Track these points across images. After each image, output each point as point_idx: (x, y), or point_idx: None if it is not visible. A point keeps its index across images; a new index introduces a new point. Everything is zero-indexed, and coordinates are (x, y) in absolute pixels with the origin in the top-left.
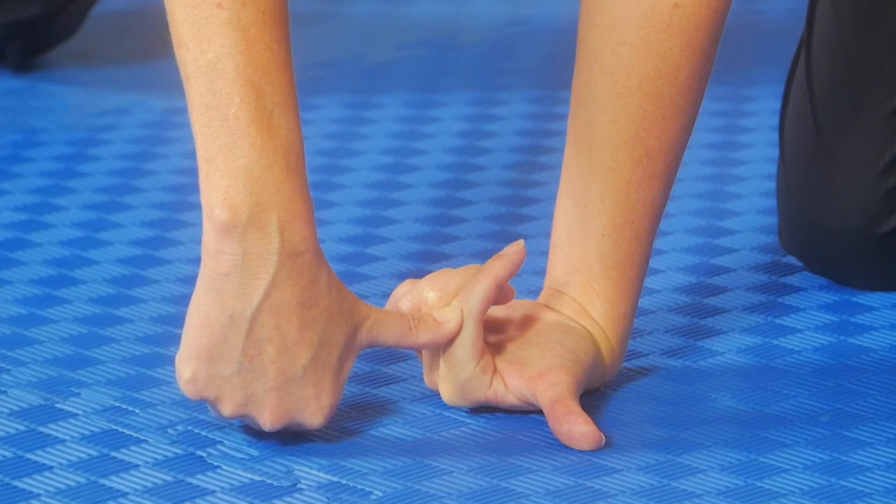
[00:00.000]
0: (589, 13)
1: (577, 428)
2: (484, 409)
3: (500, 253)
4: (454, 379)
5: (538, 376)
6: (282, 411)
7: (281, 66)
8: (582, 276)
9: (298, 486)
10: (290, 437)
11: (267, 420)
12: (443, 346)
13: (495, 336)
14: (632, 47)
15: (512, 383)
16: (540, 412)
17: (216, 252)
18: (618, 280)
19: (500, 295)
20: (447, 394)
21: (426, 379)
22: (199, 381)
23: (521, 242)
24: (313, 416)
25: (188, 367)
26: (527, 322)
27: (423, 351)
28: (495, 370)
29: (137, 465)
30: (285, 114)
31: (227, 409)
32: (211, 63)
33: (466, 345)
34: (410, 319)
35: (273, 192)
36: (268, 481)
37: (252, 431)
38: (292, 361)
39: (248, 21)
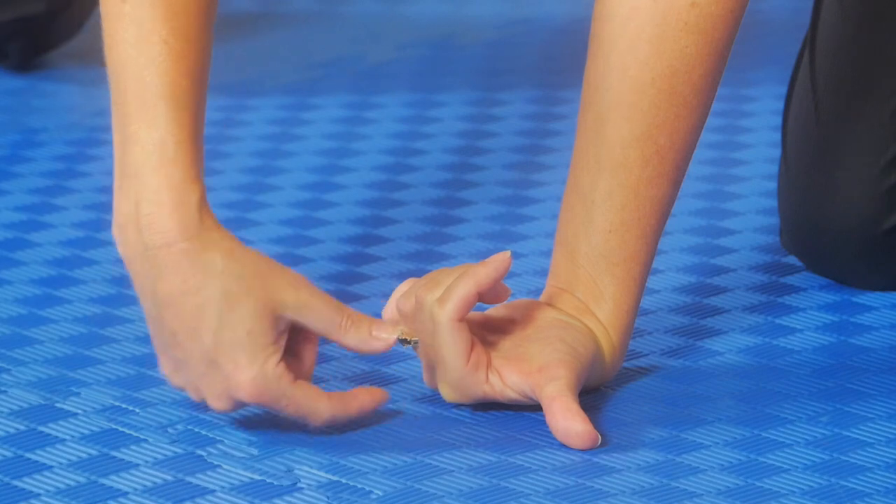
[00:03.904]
0: (604, 9)
1: (574, 426)
2: (484, 409)
3: (486, 260)
4: (449, 379)
5: (537, 371)
6: (216, 394)
7: (176, 58)
8: (586, 272)
9: (298, 485)
10: (290, 436)
11: (213, 404)
12: (433, 349)
13: (495, 334)
14: (648, 44)
15: (511, 379)
16: (539, 407)
17: (120, 254)
18: (622, 277)
19: (494, 295)
20: (446, 392)
21: (425, 379)
22: (168, 373)
23: (508, 253)
24: (241, 390)
25: (160, 361)
26: (526, 320)
27: (421, 351)
28: (489, 365)
29: (137, 465)
30: (170, 103)
31: (193, 397)
32: (115, 60)
33: (450, 345)
34: (345, 318)
35: (143, 188)
36: (268, 480)
37: (251, 429)
38: (199, 345)
39: (146, 15)
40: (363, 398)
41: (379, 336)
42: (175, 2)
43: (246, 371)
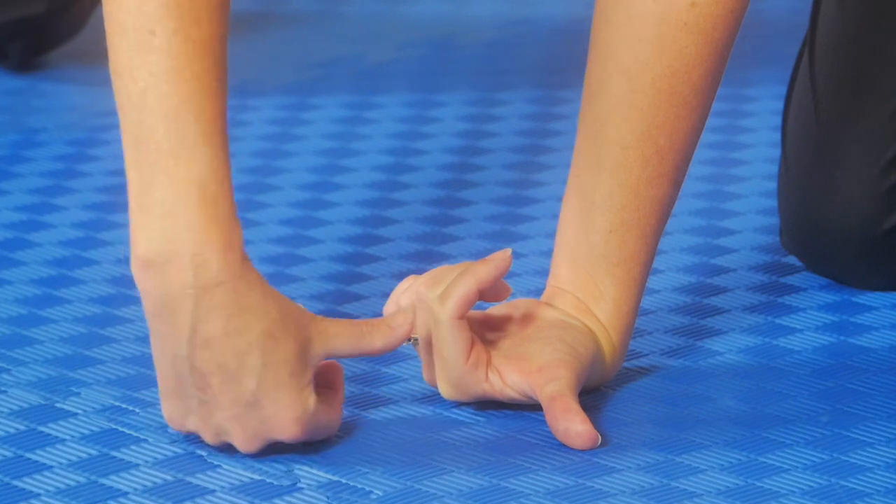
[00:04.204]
0: (604, 10)
1: (574, 426)
2: (484, 409)
3: (487, 258)
4: (448, 376)
5: (537, 371)
6: (249, 436)
7: (209, 95)
8: (586, 272)
9: (298, 485)
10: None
11: (241, 446)
12: (434, 347)
13: (495, 333)
14: (647, 44)
15: (511, 378)
16: (539, 407)
17: (143, 293)
18: (622, 278)
19: (494, 293)
20: (445, 390)
21: (425, 376)
22: (176, 418)
23: (509, 251)
24: (284, 432)
25: (165, 406)
26: (527, 319)
27: (421, 349)
28: (489, 364)
29: (137, 465)
30: (209, 142)
31: (207, 439)
32: (141, 92)
33: (450, 343)
34: (363, 326)
35: (186, 226)
36: (268, 480)
37: None
38: (239, 389)
39: (178, 49)
40: (340, 374)
41: (396, 325)
42: (205, 37)
43: (289, 412)
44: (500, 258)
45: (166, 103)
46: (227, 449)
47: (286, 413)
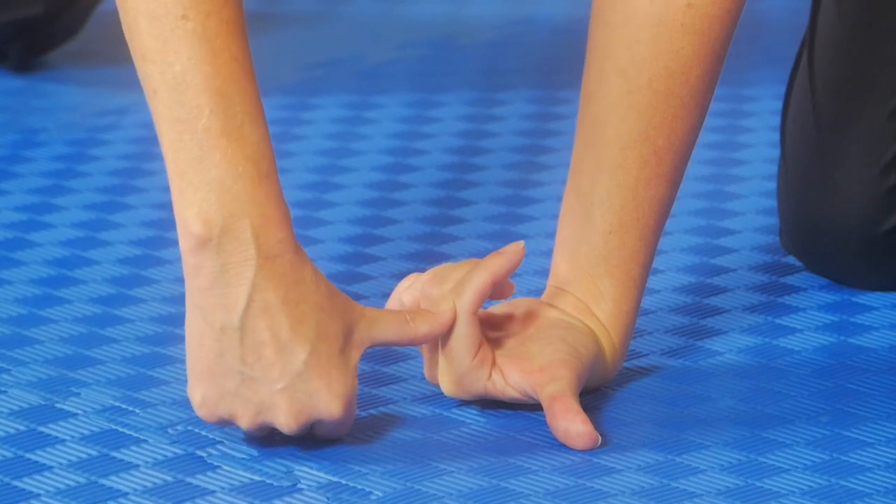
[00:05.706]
0: (601, 11)
1: (574, 426)
2: (484, 409)
3: (500, 251)
4: (453, 372)
5: (539, 371)
6: (296, 410)
7: (247, 76)
8: (586, 273)
9: (298, 486)
10: (289, 437)
11: (285, 423)
12: (441, 341)
13: (497, 332)
14: (644, 45)
15: (512, 377)
16: (540, 407)
17: (195, 268)
18: (622, 278)
19: (499, 290)
20: (447, 386)
21: (426, 373)
22: (210, 401)
23: (521, 243)
24: (329, 406)
25: (196, 392)
26: (528, 319)
27: (423, 346)
28: (494, 363)
29: (137, 465)
30: (254, 122)
31: (244, 421)
32: (178, 75)
33: (462, 338)
34: (406, 314)
35: (246, 200)
36: (268, 481)
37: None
38: (292, 358)
39: (214, 32)
40: None
41: (441, 309)
42: (236, 18)
43: (337, 387)
44: (513, 251)
45: (210, 84)
46: (259, 437)
47: (334, 387)
